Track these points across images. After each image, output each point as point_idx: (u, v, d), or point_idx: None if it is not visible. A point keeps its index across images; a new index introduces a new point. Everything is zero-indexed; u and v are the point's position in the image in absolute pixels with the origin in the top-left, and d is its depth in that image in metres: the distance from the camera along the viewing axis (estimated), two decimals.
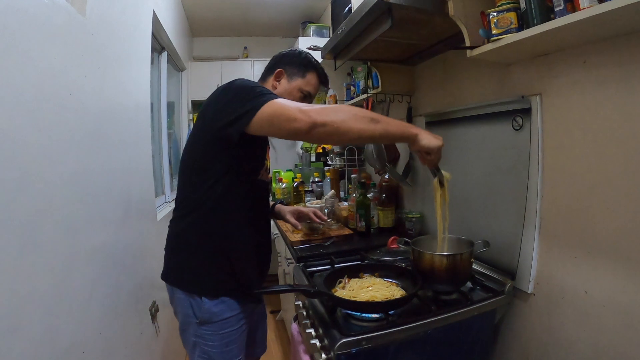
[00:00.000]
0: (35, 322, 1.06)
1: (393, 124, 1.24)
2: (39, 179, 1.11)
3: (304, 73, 1.57)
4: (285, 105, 1.18)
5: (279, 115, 1.16)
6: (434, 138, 1.27)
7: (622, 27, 1.00)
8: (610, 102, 1.11)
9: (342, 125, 1.16)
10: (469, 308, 1.32)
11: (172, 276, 1.48)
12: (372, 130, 1.19)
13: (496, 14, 1.22)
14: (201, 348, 1.43)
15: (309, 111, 1.14)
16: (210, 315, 1.40)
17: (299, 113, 1.14)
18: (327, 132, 1.16)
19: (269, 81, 1.58)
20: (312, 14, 4.51)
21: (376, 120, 1.19)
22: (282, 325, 3.49)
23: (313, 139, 1.18)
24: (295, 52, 1.60)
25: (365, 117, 1.19)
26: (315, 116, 1.14)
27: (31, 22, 1.10)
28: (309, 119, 1.13)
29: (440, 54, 1.94)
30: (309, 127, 1.14)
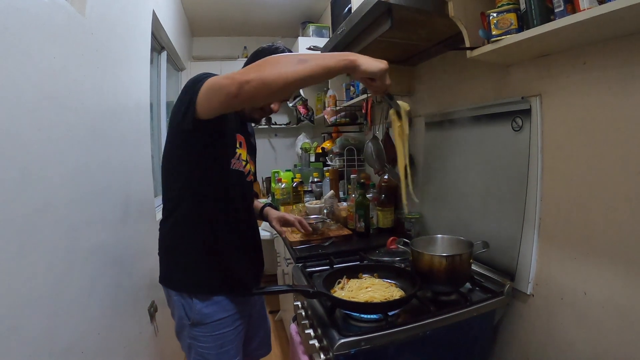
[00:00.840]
0: (34, 322, 1.06)
1: (326, 57, 1.12)
2: (38, 178, 1.11)
3: None
4: (213, 79, 1.14)
5: (210, 91, 1.13)
6: (374, 61, 1.14)
7: (622, 28, 1.00)
8: (610, 104, 1.11)
9: (267, 75, 1.06)
10: (468, 309, 1.32)
11: (165, 278, 1.49)
12: (302, 70, 1.07)
13: (496, 15, 1.22)
14: (196, 350, 1.43)
15: (233, 74, 1.08)
16: (201, 316, 1.40)
17: (224, 79, 1.10)
18: (255, 86, 1.06)
19: None
20: (312, 14, 4.50)
21: (305, 60, 1.08)
22: (281, 325, 3.48)
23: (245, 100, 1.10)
24: (272, 47, 1.52)
25: (291, 60, 1.09)
26: (239, 76, 1.06)
27: (31, 22, 1.10)
28: (234, 81, 1.06)
29: (440, 55, 1.94)
30: (236, 89, 1.06)
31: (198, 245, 1.41)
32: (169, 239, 1.47)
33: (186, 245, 1.42)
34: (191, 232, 1.41)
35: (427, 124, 2.09)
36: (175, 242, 1.45)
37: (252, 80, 1.05)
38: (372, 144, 2.33)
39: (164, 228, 1.48)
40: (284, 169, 4.57)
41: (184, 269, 1.43)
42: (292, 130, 5.17)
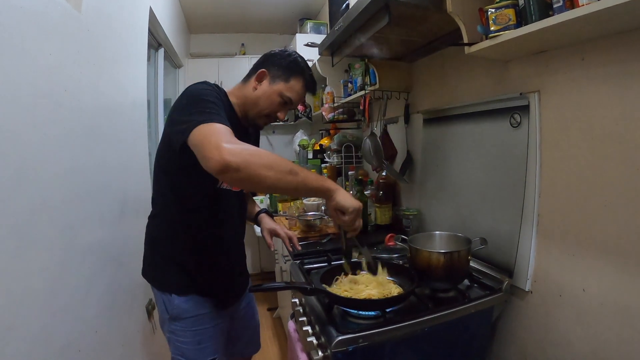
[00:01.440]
0: (31, 320, 1.05)
1: (311, 178, 1.17)
2: (34, 176, 1.11)
3: (288, 77, 1.45)
4: (208, 137, 1.07)
5: (200, 147, 1.07)
6: (351, 199, 1.21)
7: (621, 24, 1.00)
8: (609, 100, 1.11)
9: (255, 173, 1.05)
10: (466, 306, 1.32)
11: (146, 273, 1.52)
12: (288, 182, 1.11)
13: (494, 11, 1.21)
14: (174, 344, 1.45)
15: (225, 151, 1.02)
16: (179, 311, 1.41)
17: (214, 150, 1.02)
18: (240, 177, 1.05)
19: (251, 81, 1.47)
20: (309, 10, 4.49)
21: (294, 173, 1.11)
22: (278, 322, 3.49)
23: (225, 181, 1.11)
24: (284, 54, 1.48)
25: (283, 168, 1.10)
26: (229, 158, 1.01)
27: (27, 19, 1.09)
28: (222, 160, 1.01)
29: (438, 51, 1.93)
30: (220, 169, 1.02)
31: (179, 250, 1.43)
32: (152, 237, 1.49)
33: (167, 247, 1.44)
34: (174, 236, 1.43)
35: (425, 121, 2.09)
36: (158, 240, 1.47)
37: (240, 170, 1.02)
38: (370, 141, 2.32)
39: (149, 225, 1.51)
40: None
41: (163, 268, 1.44)
42: (290, 127, 5.16)
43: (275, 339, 3.28)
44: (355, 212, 1.21)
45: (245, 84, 1.49)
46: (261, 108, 1.45)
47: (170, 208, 1.42)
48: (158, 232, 1.46)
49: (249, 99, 1.44)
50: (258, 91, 1.45)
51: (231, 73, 4.83)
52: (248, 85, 1.47)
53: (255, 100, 1.44)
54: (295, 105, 1.53)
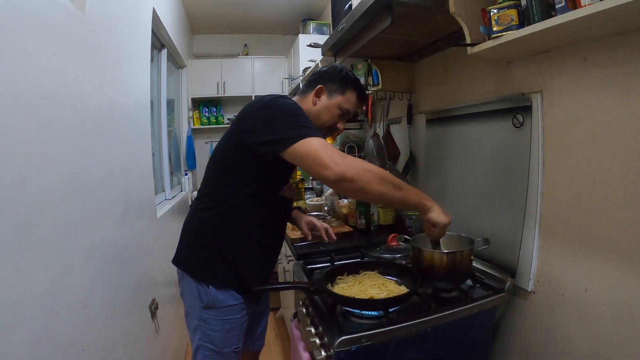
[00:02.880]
0: (34, 320, 1.05)
1: (412, 193, 1.30)
2: (38, 176, 1.11)
3: (344, 90, 1.55)
4: (321, 149, 1.20)
5: (312, 158, 1.19)
6: (444, 214, 1.33)
7: (623, 24, 1.00)
8: (611, 100, 1.11)
9: (367, 185, 1.19)
10: (469, 306, 1.32)
11: (183, 262, 1.53)
12: (393, 195, 1.24)
13: (497, 11, 1.21)
14: (203, 331, 1.46)
15: (341, 163, 1.17)
16: (215, 300, 1.43)
17: (331, 162, 1.17)
18: (353, 188, 1.20)
19: (309, 97, 1.55)
20: (312, 11, 4.50)
21: (398, 187, 1.25)
22: (282, 322, 3.49)
23: (338, 189, 1.25)
24: (337, 69, 1.58)
25: (390, 182, 1.23)
26: (346, 170, 1.16)
27: (30, 19, 1.10)
28: (340, 171, 1.16)
29: (440, 51, 1.93)
30: (337, 179, 1.17)
31: (226, 248, 1.45)
32: (199, 230, 1.51)
33: (215, 243, 1.45)
34: (222, 233, 1.45)
35: (428, 121, 2.09)
36: (204, 235, 1.48)
37: (354, 181, 1.18)
38: (373, 141, 2.32)
39: (197, 217, 1.52)
40: None
41: (206, 262, 1.46)
42: None
43: (278, 339, 3.28)
44: (445, 227, 1.35)
45: (303, 99, 1.57)
46: (323, 121, 1.55)
47: (229, 205, 1.44)
48: (209, 225, 1.48)
49: (311, 114, 1.49)
50: (318, 106, 1.54)
51: (234, 73, 4.85)
52: (307, 100, 1.56)
53: (317, 115, 1.53)
54: (351, 115, 1.64)
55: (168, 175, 3.45)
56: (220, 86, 4.82)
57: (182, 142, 4.61)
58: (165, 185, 3.39)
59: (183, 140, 4.63)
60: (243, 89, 4.92)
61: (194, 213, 1.54)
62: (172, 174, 3.61)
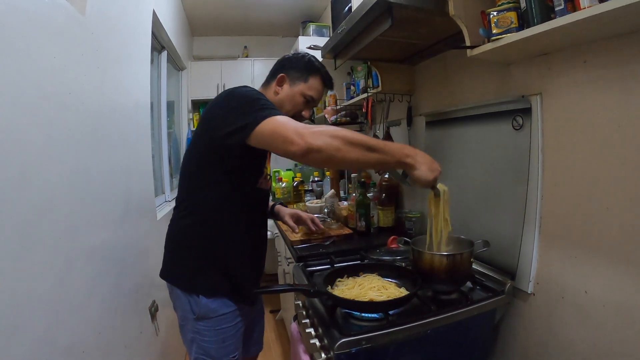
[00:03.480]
0: (34, 322, 1.06)
1: (389, 153, 1.22)
2: (38, 178, 1.11)
3: (306, 77, 1.54)
4: (283, 125, 1.17)
5: (276, 135, 1.17)
6: (429, 171, 1.27)
7: (623, 26, 1.00)
8: (611, 102, 1.11)
9: (336, 153, 1.15)
10: (469, 308, 1.32)
11: (170, 275, 1.51)
12: (367, 159, 1.19)
13: (496, 14, 1.22)
14: (198, 344, 1.45)
15: (306, 135, 1.13)
16: (207, 310, 1.41)
17: (295, 136, 1.13)
18: (322, 158, 1.15)
19: (272, 86, 1.55)
20: (312, 13, 4.50)
21: (372, 149, 1.19)
22: (281, 324, 3.48)
23: (307, 162, 1.19)
24: (298, 56, 1.57)
25: (362, 144, 1.18)
26: (311, 140, 1.13)
27: (31, 21, 1.10)
28: (305, 143, 1.12)
29: (440, 54, 1.93)
30: (303, 152, 1.13)
31: (210, 252, 1.43)
32: (181, 238, 1.49)
33: (199, 248, 1.44)
34: (205, 237, 1.43)
35: (427, 123, 2.09)
36: (187, 243, 1.46)
37: (321, 151, 1.13)
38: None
39: (177, 226, 1.50)
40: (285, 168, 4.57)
41: (193, 271, 1.44)
42: None
43: (278, 341, 3.28)
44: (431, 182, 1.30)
45: (266, 89, 1.57)
46: (287, 110, 1.51)
47: (208, 209, 1.42)
48: (189, 234, 1.46)
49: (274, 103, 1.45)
50: (281, 95, 1.53)
51: (234, 75, 4.85)
52: (269, 90, 1.55)
53: (279, 104, 1.49)
54: (317, 103, 1.61)
55: (168, 177, 3.46)
56: (220, 88, 4.82)
57: (182, 144, 4.61)
58: (165, 187, 3.40)
59: (183, 142, 4.63)
60: None
61: (174, 223, 1.52)
62: (171, 176, 3.61)
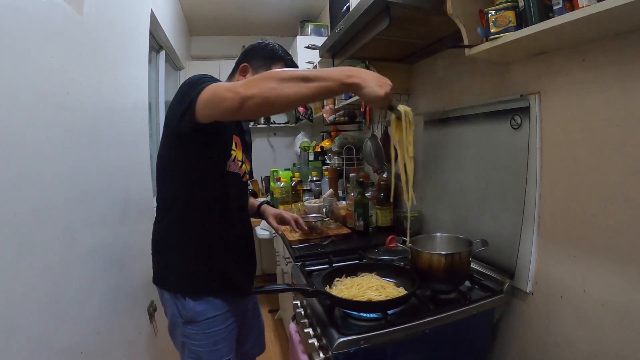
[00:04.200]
0: (33, 322, 1.05)
1: (329, 77, 1.11)
2: (36, 178, 1.11)
3: (269, 65, 1.50)
4: (216, 88, 1.15)
5: (212, 99, 1.14)
6: (378, 87, 1.13)
7: (621, 25, 1.00)
8: (609, 101, 1.11)
9: (270, 93, 1.08)
10: (468, 307, 1.32)
11: (158, 278, 1.49)
12: (305, 90, 1.10)
13: (494, 13, 1.22)
14: (189, 348, 1.43)
15: (236, 87, 1.10)
16: (194, 314, 1.40)
17: (227, 92, 1.11)
18: (257, 103, 1.09)
19: (235, 77, 1.53)
20: (310, 12, 4.50)
21: (308, 79, 1.10)
22: (280, 324, 3.48)
23: (247, 114, 1.13)
24: (261, 45, 1.54)
25: (294, 77, 1.10)
26: (242, 91, 1.08)
27: (29, 21, 1.10)
28: (237, 95, 1.08)
29: (438, 53, 1.93)
30: (239, 104, 1.09)
31: (192, 247, 1.42)
32: (163, 240, 1.47)
33: (180, 247, 1.43)
34: (185, 234, 1.42)
35: (426, 122, 2.09)
36: (169, 243, 1.45)
37: (255, 96, 1.08)
38: (371, 143, 2.32)
39: (158, 228, 1.49)
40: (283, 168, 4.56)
41: (177, 271, 1.43)
42: (291, 129, 5.17)
43: (276, 341, 3.28)
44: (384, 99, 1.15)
45: (231, 79, 1.54)
46: None
47: (179, 208, 1.41)
48: (168, 235, 1.45)
49: None
50: None
51: None
52: (233, 80, 1.52)
53: None
54: None
55: None
56: None
57: None
58: None
59: None
60: None
61: (154, 227, 1.50)
62: None
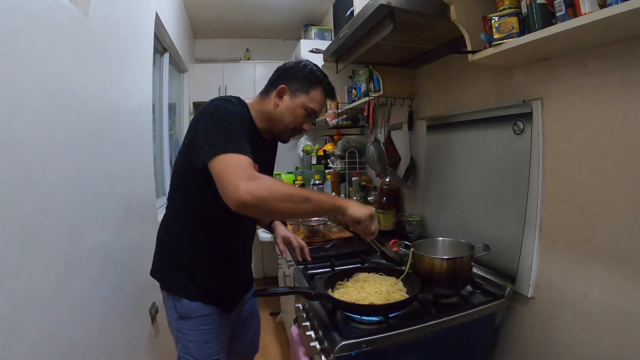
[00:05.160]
0: (35, 322, 1.06)
1: (324, 202, 1.26)
2: (41, 178, 1.12)
3: (307, 89, 1.46)
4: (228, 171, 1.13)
5: (220, 181, 1.14)
6: (362, 207, 1.31)
7: (623, 32, 1.01)
8: (611, 107, 1.12)
9: (273, 205, 1.14)
10: (469, 311, 1.32)
11: (156, 275, 1.54)
12: (303, 209, 1.21)
13: (498, 19, 1.22)
14: (182, 343, 1.46)
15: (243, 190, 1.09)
16: (188, 310, 1.43)
17: (233, 189, 1.09)
18: (258, 212, 1.20)
19: (271, 97, 1.48)
20: (314, 16, 4.51)
21: (308, 200, 1.20)
22: (281, 327, 3.48)
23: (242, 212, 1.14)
24: (299, 66, 1.49)
25: (299, 198, 1.18)
26: (247, 197, 1.09)
27: (35, 22, 1.11)
28: (239, 198, 1.09)
29: (441, 58, 1.94)
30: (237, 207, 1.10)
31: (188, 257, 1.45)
32: (165, 240, 1.51)
33: (177, 253, 1.46)
34: (184, 244, 1.45)
35: (428, 127, 2.09)
36: (169, 245, 1.48)
37: (258, 206, 1.11)
38: (374, 147, 2.33)
39: (162, 228, 1.52)
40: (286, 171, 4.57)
41: (172, 272, 1.47)
42: None
43: (277, 344, 3.28)
44: (368, 219, 1.31)
45: (265, 99, 1.50)
46: (286, 123, 1.47)
47: (184, 215, 1.44)
48: (170, 237, 1.48)
49: (274, 116, 1.45)
50: (281, 107, 1.46)
51: (236, 78, 4.86)
52: (268, 101, 1.48)
53: (279, 117, 1.46)
54: (318, 115, 1.55)
55: (169, 179, 3.45)
56: (222, 91, 4.82)
57: None
58: (166, 189, 3.39)
59: None
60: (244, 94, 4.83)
61: (161, 224, 1.55)
62: None
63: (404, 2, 1.33)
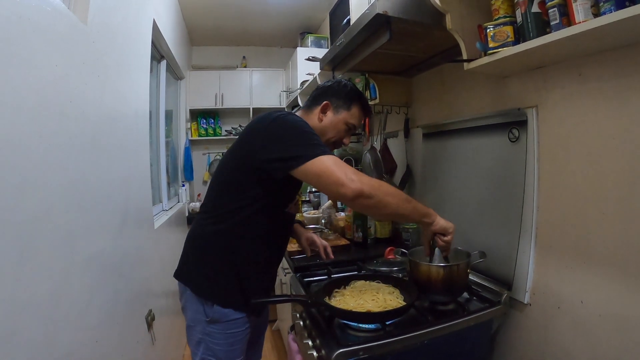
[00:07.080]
0: (32, 329, 1.05)
1: (419, 207, 1.32)
2: (38, 185, 1.11)
3: (349, 106, 1.55)
4: (335, 167, 1.21)
5: (327, 176, 1.20)
6: (447, 222, 1.36)
7: (617, 40, 1.02)
8: (605, 114, 1.13)
9: (384, 199, 1.22)
10: (466, 318, 1.32)
11: (186, 277, 1.51)
12: (405, 208, 1.28)
13: (493, 28, 1.24)
14: (207, 345, 1.45)
15: (357, 180, 1.19)
16: (220, 315, 1.42)
17: (347, 180, 1.18)
18: (369, 204, 1.21)
19: (315, 112, 1.56)
20: (310, 24, 4.54)
21: (409, 201, 1.29)
22: (278, 335, 3.47)
23: (354, 206, 1.25)
24: (341, 84, 1.58)
25: (401, 195, 1.28)
26: (362, 186, 1.18)
27: (33, 30, 1.11)
28: (357, 188, 1.17)
29: (437, 67, 1.96)
30: (354, 196, 1.18)
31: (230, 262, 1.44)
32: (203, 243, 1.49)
33: (219, 258, 1.44)
34: (228, 248, 1.44)
35: (424, 135, 2.10)
36: (208, 249, 1.47)
37: (373, 197, 1.20)
38: (370, 155, 2.34)
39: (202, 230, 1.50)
40: None
41: (210, 278, 1.44)
42: None
43: (274, 352, 3.26)
44: (454, 231, 1.37)
45: (309, 114, 1.58)
46: (329, 137, 1.56)
47: (235, 221, 1.43)
48: (215, 241, 1.46)
49: (317, 130, 1.48)
50: (324, 122, 1.55)
51: (232, 85, 4.88)
52: (312, 115, 1.56)
53: (323, 131, 1.53)
54: (356, 130, 1.65)
55: (165, 186, 3.46)
56: (219, 98, 4.84)
57: (180, 153, 4.62)
58: (163, 196, 3.40)
59: (181, 151, 4.64)
60: (241, 101, 4.95)
61: (199, 228, 1.52)
62: (169, 185, 3.61)
63: (401, 11, 1.35)
